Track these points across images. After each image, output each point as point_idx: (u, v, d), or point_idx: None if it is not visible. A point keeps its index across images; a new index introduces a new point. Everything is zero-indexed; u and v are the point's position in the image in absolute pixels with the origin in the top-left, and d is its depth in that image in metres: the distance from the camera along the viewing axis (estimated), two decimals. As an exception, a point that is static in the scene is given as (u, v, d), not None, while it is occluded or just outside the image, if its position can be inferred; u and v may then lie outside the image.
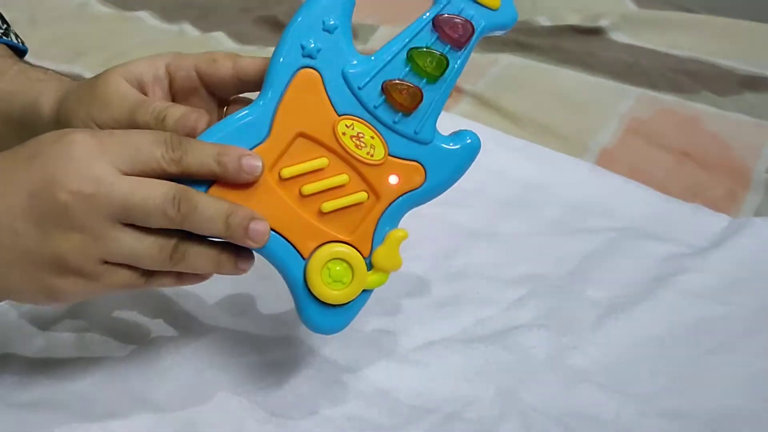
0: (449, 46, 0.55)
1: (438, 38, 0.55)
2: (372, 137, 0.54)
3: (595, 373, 0.63)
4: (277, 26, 1.28)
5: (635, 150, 0.96)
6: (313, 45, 0.53)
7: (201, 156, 0.51)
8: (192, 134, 0.53)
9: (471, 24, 0.55)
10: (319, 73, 0.53)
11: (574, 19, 1.31)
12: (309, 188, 0.53)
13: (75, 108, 0.57)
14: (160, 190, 0.49)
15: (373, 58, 0.54)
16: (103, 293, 0.52)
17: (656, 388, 0.62)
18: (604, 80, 1.11)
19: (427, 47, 0.55)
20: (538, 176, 0.89)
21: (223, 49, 1.20)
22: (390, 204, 0.55)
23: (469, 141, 0.57)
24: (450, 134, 0.56)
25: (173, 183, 0.50)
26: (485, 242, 0.79)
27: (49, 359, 0.62)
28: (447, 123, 0.97)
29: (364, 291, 0.54)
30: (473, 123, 0.97)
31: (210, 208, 0.50)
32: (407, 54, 0.54)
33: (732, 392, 0.62)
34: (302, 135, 0.53)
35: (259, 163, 0.52)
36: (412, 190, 0.55)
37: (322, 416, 0.58)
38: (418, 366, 0.62)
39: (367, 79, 0.54)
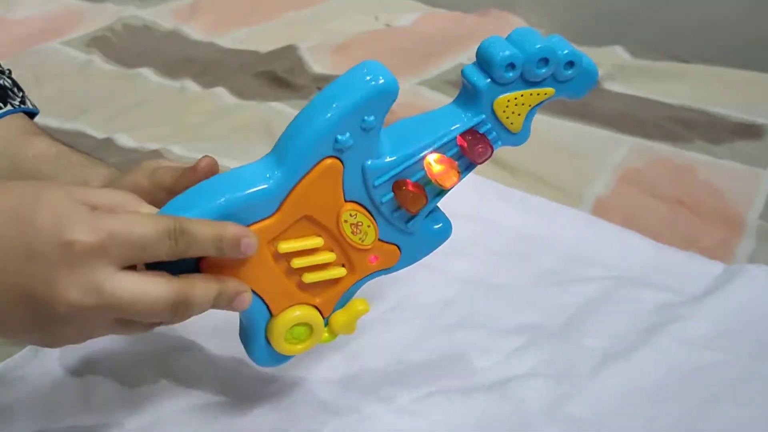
0: (467, 161, 0.58)
1: (459, 151, 0.57)
2: (368, 225, 0.57)
3: (592, 421, 0.63)
4: (276, 81, 1.30)
5: (630, 199, 0.97)
6: (347, 141, 0.53)
7: (202, 244, 0.50)
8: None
9: (492, 148, 0.58)
10: (342, 163, 0.54)
11: (568, 70, 1.33)
12: (298, 263, 0.56)
13: None
14: (160, 294, 0.49)
15: (395, 158, 0.56)
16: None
17: (653, 435, 0.63)
18: (598, 130, 1.13)
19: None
20: (535, 226, 0.90)
21: (224, 104, 1.22)
22: (362, 279, 0.59)
23: (440, 225, 0.61)
24: (429, 216, 0.60)
25: (171, 281, 0.50)
26: (483, 292, 0.79)
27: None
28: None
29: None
30: (470, 175, 0.99)
31: (202, 297, 0.51)
32: (426, 161, 0.57)
33: (728, 439, 0.63)
34: (307, 218, 0.55)
35: (255, 244, 0.52)
36: (384, 269, 0.60)
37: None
38: (417, 416, 0.63)
39: (384, 179, 0.56)
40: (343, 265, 0.58)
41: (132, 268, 0.49)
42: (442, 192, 0.58)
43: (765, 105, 1.20)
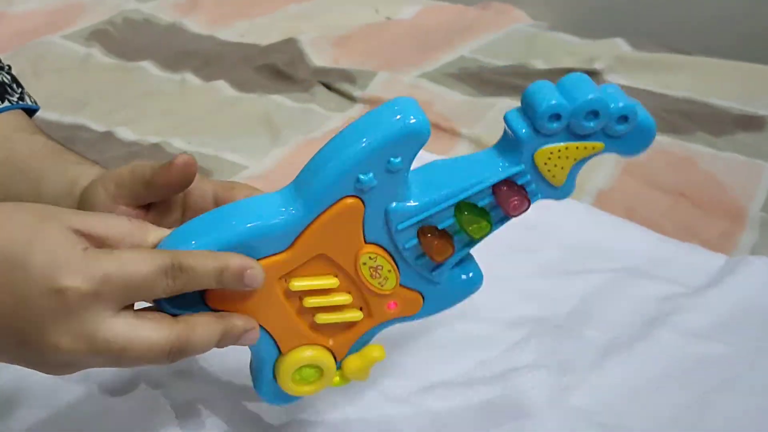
0: (499, 212, 0.54)
1: (492, 201, 0.53)
2: (389, 270, 0.54)
3: (596, 412, 0.63)
4: (277, 74, 1.30)
5: (631, 191, 0.97)
6: (370, 181, 0.50)
7: (203, 279, 0.48)
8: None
9: (529, 201, 0.53)
10: (363, 204, 0.51)
11: (569, 62, 1.33)
12: (311, 302, 0.53)
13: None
14: (156, 341, 0.47)
15: (421, 202, 0.52)
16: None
17: (656, 427, 0.63)
18: (600, 122, 1.13)
19: (478, 208, 0.53)
20: (536, 218, 0.89)
21: (224, 97, 1.22)
22: (379, 324, 0.56)
23: (471, 275, 0.57)
24: (461, 265, 0.56)
25: (171, 324, 0.48)
26: (485, 284, 0.79)
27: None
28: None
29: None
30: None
31: (203, 341, 0.49)
32: (457, 206, 0.52)
33: (731, 430, 0.63)
34: (323, 256, 0.52)
35: (261, 276, 0.50)
36: (404, 317, 0.56)
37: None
38: (419, 408, 0.63)
39: (408, 224, 0.52)
40: (361, 309, 0.55)
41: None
42: (472, 241, 0.54)
43: (766, 97, 1.20)
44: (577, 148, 0.52)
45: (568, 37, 1.47)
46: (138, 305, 0.49)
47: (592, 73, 1.29)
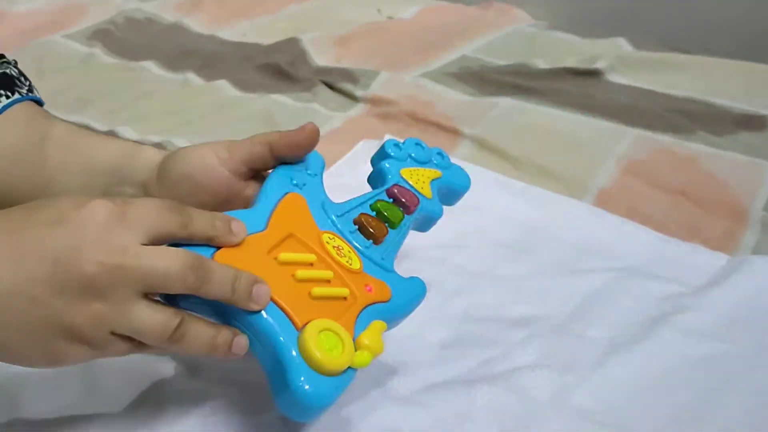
0: (402, 209, 0.67)
1: (393, 202, 0.68)
2: (349, 251, 0.61)
3: (598, 412, 0.64)
4: (279, 74, 1.30)
5: (633, 190, 0.97)
6: (299, 181, 0.64)
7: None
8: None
9: (417, 197, 0.69)
10: (304, 197, 0.63)
11: (571, 62, 1.33)
12: (301, 274, 0.57)
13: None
14: (180, 260, 0.51)
15: (343, 204, 0.65)
16: (97, 358, 0.53)
17: (658, 426, 0.63)
18: (601, 121, 1.13)
19: (388, 202, 0.67)
20: (538, 218, 0.90)
21: (226, 97, 1.22)
22: (366, 307, 0.58)
23: (422, 285, 0.64)
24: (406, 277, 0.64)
25: (190, 252, 0.52)
26: (487, 284, 0.80)
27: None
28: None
29: (349, 370, 0.55)
30: (473, 166, 0.99)
31: (220, 274, 0.53)
32: (372, 205, 0.66)
33: (733, 430, 0.63)
34: (293, 236, 0.59)
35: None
36: (382, 302, 0.60)
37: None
38: (422, 407, 0.63)
39: (341, 214, 0.64)
40: (346, 289, 0.58)
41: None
42: (394, 229, 0.65)
43: (768, 96, 1.20)
44: (424, 171, 0.72)
45: (569, 36, 1.48)
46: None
47: (594, 73, 1.29)
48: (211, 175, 0.63)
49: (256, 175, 0.67)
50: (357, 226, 0.63)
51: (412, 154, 0.73)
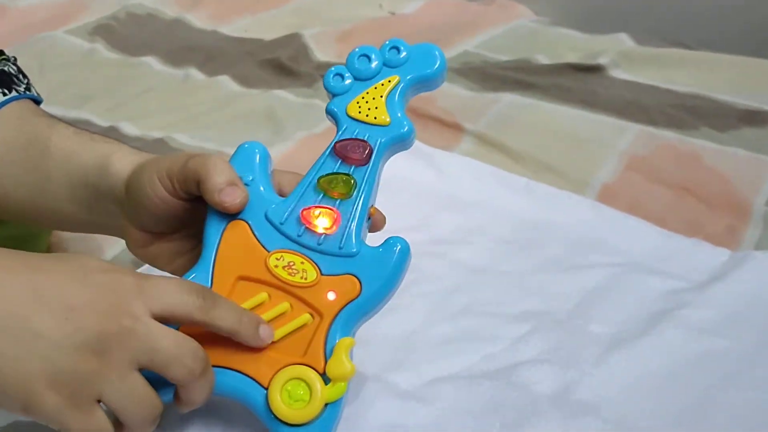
0: (354, 166, 0.60)
1: (342, 163, 0.60)
2: (302, 263, 0.58)
3: (599, 407, 0.63)
4: (280, 69, 1.30)
5: (635, 186, 0.97)
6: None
7: (227, 311, 0.54)
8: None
9: (367, 143, 0.61)
10: (245, 221, 0.59)
11: (573, 57, 1.33)
12: None
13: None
14: (188, 345, 0.51)
15: (287, 197, 0.60)
16: (66, 430, 0.50)
17: (660, 421, 0.62)
18: (604, 117, 1.13)
19: (333, 173, 0.60)
20: (540, 213, 0.90)
21: (228, 92, 1.22)
22: (333, 319, 0.57)
23: (398, 247, 0.58)
24: (380, 244, 0.59)
25: (193, 340, 0.52)
26: (488, 279, 0.79)
27: None
28: (449, 161, 0.99)
29: (329, 405, 0.55)
30: (475, 161, 0.99)
31: (209, 383, 0.54)
32: (316, 182, 0.60)
33: (735, 425, 0.62)
34: (241, 278, 0.58)
35: (271, 333, 0.55)
36: (351, 301, 0.57)
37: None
38: (424, 402, 0.63)
39: (287, 213, 0.59)
40: (311, 314, 0.57)
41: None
42: (350, 200, 0.59)
43: (771, 92, 1.20)
44: (375, 88, 0.62)
45: (571, 32, 1.48)
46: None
47: (596, 69, 1.29)
48: (164, 206, 0.60)
49: None
50: (303, 225, 0.59)
51: (357, 75, 0.63)
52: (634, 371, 0.67)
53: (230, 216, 0.59)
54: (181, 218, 0.62)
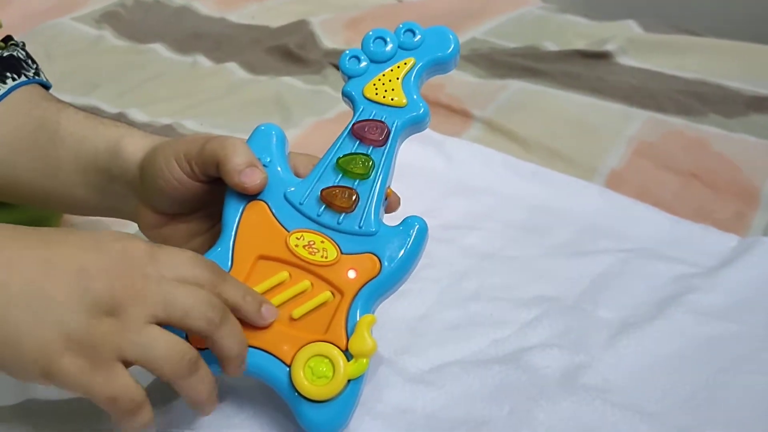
0: (371, 147, 0.61)
1: (360, 143, 0.61)
2: (322, 242, 0.59)
3: (608, 391, 0.63)
4: (288, 56, 1.30)
5: (644, 172, 0.97)
6: None
7: (233, 288, 0.54)
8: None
9: (384, 123, 0.62)
10: (264, 202, 0.60)
11: (580, 44, 1.33)
12: (276, 300, 0.57)
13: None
14: (201, 296, 0.51)
15: (306, 178, 0.61)
16: (91, 394, 0.49)
17: (669, 406, 0.63)
18: (612, 104, 1.13)
19: (351, 153, 0.61)
20: (549, 199, 0.90)
21: (236, 79, 1.22)
22: (354, 296, 0.57)
23: (416, 226, 0.59)
24: (398, 223, 0.59)
25: (210, 294, 0.53)
26: (497, 264, 0.80)
27: None
28: (458, 148, 0.99)
29: (351, 382, 0.55)
30: (483, 148, 0.99)
31: (236, 331, 0.54)
32: (335, 163, 0.61)
33: (744, 409, 0.62)
34: (261, 257, 0.59)
35: (275, 311, 0.56)
36: (372, 279, 0.58)
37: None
38: (433, 387, 0.63)
39: (306, 193, 0.60)
40: (331, 293, 0.57)
41: None
42: (368, 180, 0.60)
43: (779, 78, 1.19)
44: (391, 71, 0.63)
45: (579, 19, 1.47)
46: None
47: (604, 55, 1.29)
48: (182, 188, 0.61)
49: None
50: (323, 205, 0.59)
51: (373, 58, 0.64)
52: (642, 356, 0.67)
53: (249, 197, 0.59)
54: (197, 200, 0.62)
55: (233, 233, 0.59)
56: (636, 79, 1.21)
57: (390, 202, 0.63)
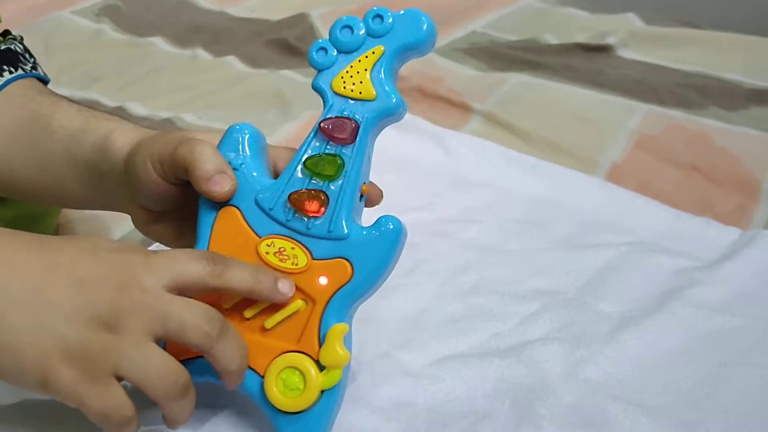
0: (340, 145, 0.58)
1: (328, 142, 0.58)
2: (292, 248, 0.57)
3: (609, 385, 0.63)
4: (288, 49, 1.30)
5: (644, 165, 0.97)
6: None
7: (241, 271, 0.53)
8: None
9: (352, 120, 0.58)
10: (237, 207, 0.58)
11: (581, 37, 1.32)
12: (249, 311, 0.56)
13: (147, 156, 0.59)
14: (198, 309, 0.51)
15: (276, 181, 0.58)
16: (84, 407, 0.49)
17: (670, 399, 0.63)
18: (612, 97, 1.13)
19: (318, 154, 0.58)
20: (549, 193, 0.90)
21: (235, 73, 1.22)
22: (327, 304, 0.56)
23: (390, 226, 0.56)
24: (371, 224, 0.57)
25: (207, 306, 0.52)
26: (497, 258, 0.79)
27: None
28: (457, 141, 0.99)
29: (326, 393, 0.55)
30: (483, 141, 0.99)
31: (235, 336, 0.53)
32: (303, 165, 0.58)
33: (745, 403, 0.62)
34: None
35: (292, 285, 0.55)
36: (344, 285, 0.56)
37: (339, 430, 0.59)
38: (434, 380, 0.63)
39: (276, 198, 0.57)
40: (303, 300, 0.56)
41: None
42: (338, 179, 0.58)
43: (779, 71, 1.19)
44: (359, 61, 0.59)
45: (579, 12, 1.47)
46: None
47: (605, 48, 1.28)
48: (158, 190, 0.60)
49: None
50: (292, 210, 0.57)
51: (340, 48, 0.59)
52: (644, 349, 0.67)
53: (222, 203, 0.58)
54: (179, 199, 0.61)
55: (207, 242, 0.58)
56: (637, 73, 1.21)
57: (370, 197, 0.60)
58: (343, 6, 1.47)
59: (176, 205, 0.62)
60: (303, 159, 0.58)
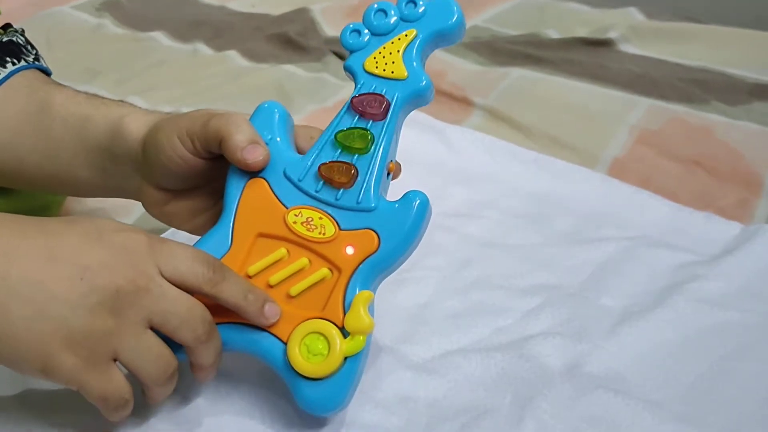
0: (371, 121, 0.60)
1: (359, 118, 0.60)
2: (320, 218, 0.58)
3: (611, 380, 0.63)
4: (289, 44, 1.29)
5: (646, 160, 0.97)
6: None
7: (234, 287, 0.54)
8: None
9: (384, 97, 0.61)
10: (264, 179, 0.59)
11: (582, 32, 1.32)
12: (275, 278, 0.57)
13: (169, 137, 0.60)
14: (197, 309, 0.53)
15: (305, 154, 0.60)
16: (84, 391, 0.51)
17: (671, 394, 0.63)
18: (614, 91, 1.12)
19: (350, 128, 0.60)
20: (551, 187, 0.90)
21: (236, 67, 1.22)
22: (352, 273, 0.57)
23: (417, 201, 0.58)
24: (398, 198, 0.58)
25: (205, 309, 0.54)
26: (499, 253, 0.79)
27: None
28: (459, 136, 0.99)
29: (349, 360, 0.55)
30: (485, 135, 0.98)
31: (215, 347, 0.55)
32: (334, 138, 0.60)
33: (746, 398, 0.62)
34: (260, 235, 0.59)
35: (278, 311, 0.56)
36: (370, 255, 0.57)
37: (341, 424, 0.59)
38: (435, 375, 0.63)
39: (305, 169, 0.59)
40: (329, 269, 0.57)
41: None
42: (368, 154, 0.59)
43: (781, 66, 1.19)
44: (392, 43, 0.62)
45: (580, 6, 1.47)
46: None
47: (606, 43, 1.28)
48: (185, 165, 0.61)
49: None
50: (322, 180, 0.59)
51: (374, 30, 0.62)
52: (645, 344, 0.67)
53: (250, 174, 0.59)
54: (200, 176, 0.62)
55: (233, 211, 0.59)
56: (638, 67, 1.21)
57: (394, 177, 0.62)
58: (344, 0, 1.47)
59: (194, 185, 0.64)
60: (333, 132, 0.60)
